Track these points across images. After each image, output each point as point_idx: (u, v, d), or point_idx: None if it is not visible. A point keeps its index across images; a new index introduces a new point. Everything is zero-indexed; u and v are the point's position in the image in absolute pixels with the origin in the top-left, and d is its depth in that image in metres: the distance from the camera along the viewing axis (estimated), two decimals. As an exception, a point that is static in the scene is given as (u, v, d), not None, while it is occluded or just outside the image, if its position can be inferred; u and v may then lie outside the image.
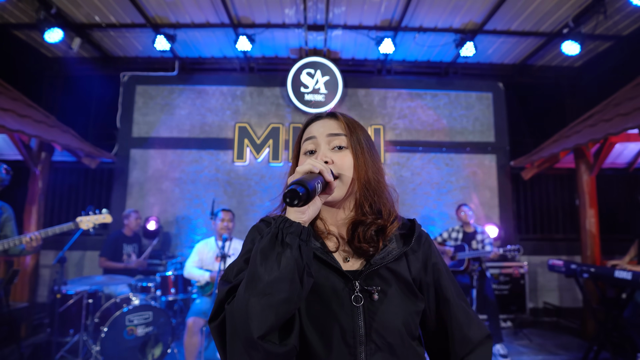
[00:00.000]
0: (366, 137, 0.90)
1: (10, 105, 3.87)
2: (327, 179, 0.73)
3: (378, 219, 0.84)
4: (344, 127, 0.88)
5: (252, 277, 0.66)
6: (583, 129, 4.44)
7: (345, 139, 0.87)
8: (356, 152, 0.86)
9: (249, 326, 0.62)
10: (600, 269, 3.31)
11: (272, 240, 0.68)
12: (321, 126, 0.89)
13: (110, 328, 3.05)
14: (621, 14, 4.60)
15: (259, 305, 0.63)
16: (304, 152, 0.90)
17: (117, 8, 4.67)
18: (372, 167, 0.87)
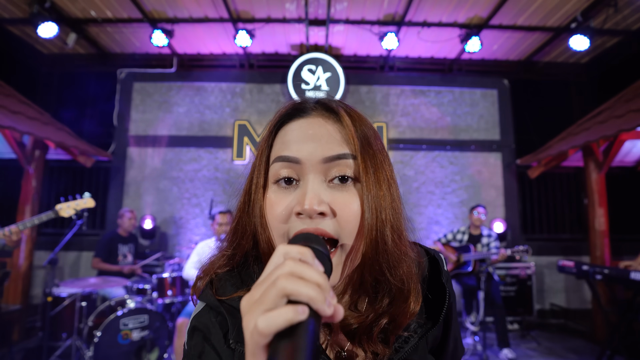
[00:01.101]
0: (380, 149, 0.55)
1: (1, 101, 3.75)
2: (326, 313, 0.35)
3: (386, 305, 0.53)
4: (352, 138, 0.52)
5: None
6: (592, 126, 4.31)
7: (351, 163, 0.52)
8: (369, 186, 0.51)
9: None
10: (615, 270, 3.19)
11: None
12: (311, 137, 0.52)
13: (104, 332, 2.93)
14: (631, 7, 4.47)
15: None
16: (274, 180, 0.53)
17: (114, 2, 4.55)
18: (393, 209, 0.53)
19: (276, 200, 0.52)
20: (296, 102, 0.58)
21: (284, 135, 0.55)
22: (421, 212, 5.50)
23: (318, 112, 0.55)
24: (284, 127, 0.55)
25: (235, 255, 0.58)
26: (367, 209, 0.50)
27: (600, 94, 5.43)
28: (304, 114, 0.55)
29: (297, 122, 0.55)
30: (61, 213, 2.61)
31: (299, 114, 0.56)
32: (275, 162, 0.53)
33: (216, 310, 0.54)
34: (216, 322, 0.54)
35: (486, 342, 3.75)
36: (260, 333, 0.33)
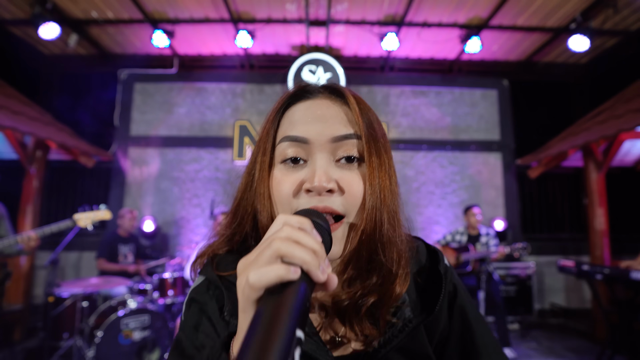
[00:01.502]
0: (382, 134, 0.56)
1: (3, 102, 3.77)
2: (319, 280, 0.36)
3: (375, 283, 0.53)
4: (358, 119, 0.53)
5: None
6: (592, 126, 4.32)
7: (357, 143, 0.53)
8: (372, 166, 0.52)
9: None
10: (615, 270, 3.20)
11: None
12: (318, 118, 0.53)
13: (105, 332, 2.94)
14: (630, 8, 4.48)
15: None
16: (281, 160, 0.54)
17: (115, 3, 4.56)
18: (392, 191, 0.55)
19: (283, 178, 0.53)
20: (303, 84, 0.58)
21: (291, 115, 0.55)
22: (421, 212, 5.51)
23: (324, 94, 0.56)
24: (290, 108, 0.56)
25: (234, 236, 0.59)
26: (369, 187, 0.51)
27: (600, 94, 5.44)
28: (311, 95, 0.56)
29: (304, 103, 0.56)
30: (79, 223, 2.69)
31: (305, 96, 0.56)
32: (282, 141, 0.54)
33: (214, 285, 0.56)
34: (213, 295, 0.55)
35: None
36: (252, 286, 0.34)
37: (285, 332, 0.30)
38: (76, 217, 2.71)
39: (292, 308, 0.32)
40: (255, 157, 0.57)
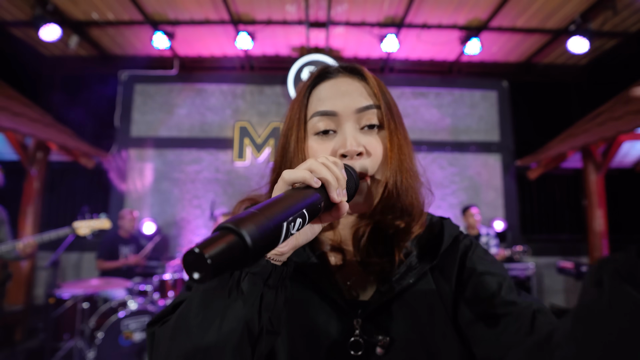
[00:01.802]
0: (395, 104, 0.65)
1: (4, 104, 3.78)
2: (333, 199, 0.45)
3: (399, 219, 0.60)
4: (376, 92, 0.61)
5: (181, 327, 0.45)
6: (591, 128, 4.34)
7: (377, 113, 0.60)
8: (391, 131, 0.60)
9: None
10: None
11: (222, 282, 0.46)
12: (343, 93, 0.60)
13: (106, 333, 2.95)
14: (630, 9, 4.49)
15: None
16: (314, 133, 0.61)
17: (115, 4, 4.58)
18: (408, 151, 0.63)
19: (318, 147, 0.60)
20: (324, 66, 0.65)
21: (318, 93, 0.62)
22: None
23: (344, 73, 0.64)
24: (316, 88, 0.63)
25: None
26: (390, 147, 0.59)
27: (600, 95, 5.45)
28: (332, 75, 0.63)
29: (328, 82, 0.63)
30: (78, 231, 2.70)
31: (328, 76, 0.64)
32: (314, 116, 0.61)
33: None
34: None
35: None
36: (283, 179, 0.46)
37: (293, 206, 0.40)
38: (75, 225, 2.72)
39: (305, 198, 0.42)
40: (287, 132, 0.63)
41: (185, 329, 0.44)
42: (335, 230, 0.64)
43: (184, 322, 0.45)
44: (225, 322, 0.43)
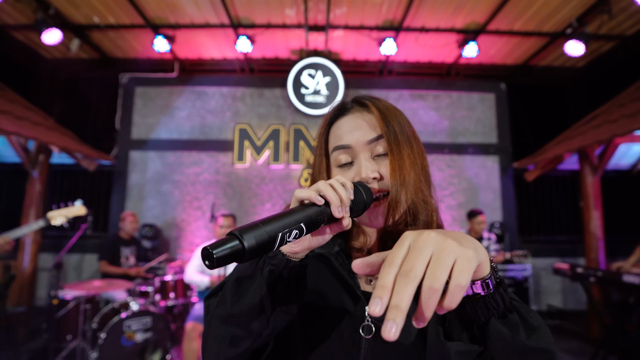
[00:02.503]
0: (403, 125, 0.71)
1: (7, 107, 3.82)
2: (335, 214, 0.53)
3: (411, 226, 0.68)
4: (380, 124, 0.68)
5: (222, 298, 0.60)
6: (587, 130, 4.39)
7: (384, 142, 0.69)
8: (394, 158, 0.67)
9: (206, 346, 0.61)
10: (607, 273, 3.26)
11: (250, 266, 0.59)
12: (355, 128, 0.69)
13: (108, 334, 2.99)
14: (625, 13, 4.54)
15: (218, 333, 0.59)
16: (337, 165, 0.71)
17: (116, 8, 4.62)
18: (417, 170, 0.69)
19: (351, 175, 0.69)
20: (339, 104, 0.75)
21: (335, 130, 0.72)
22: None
23: (355, 108, 0.73)
24: (334, 124, 0.73)
25: None
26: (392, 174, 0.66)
27: (597, 97, 5.50)
28: (346, 111, 0.73)
29: (343, 119, 0.72)
30: (52, 221, 2.60)
31: (342, 113, 0.73)
32: (334, 151, 0.71)
33: None
34: None
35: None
36: (295, 196, 0.54)
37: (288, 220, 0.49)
38: (49, 215, 2.63)
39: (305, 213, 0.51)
40: (314, 163, 0.76)
41: (223, 300, 0.60)
42: (365, 235, 0.73)
43: (222, 295, 0.60)
44: (247, 297, 0.56)
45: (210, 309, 0.62)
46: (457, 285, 0.36)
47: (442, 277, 0.36)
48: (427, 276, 0.36)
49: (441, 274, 0.36)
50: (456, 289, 0.36)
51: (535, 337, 0.45)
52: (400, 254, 0.38)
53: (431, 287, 0.35)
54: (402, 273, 0.36)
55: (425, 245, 0.38)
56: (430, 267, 0.36)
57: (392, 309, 0.34)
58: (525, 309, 0.48)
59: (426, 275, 0.36)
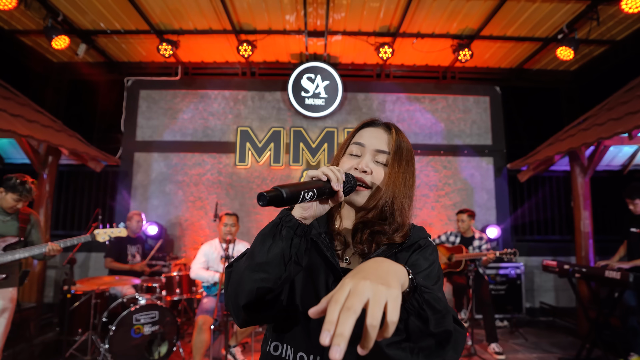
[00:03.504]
0: (407, 159, 0.94)
1: (19, 111, 3.99)
2: (333, 187, 0.76)
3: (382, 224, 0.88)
4: (392, 146, 0.92)
5: (251, 253, 0.78)
6: (577, 133, 4.54)
7: (386, 157, 0.92)
8: (391, 171, 0.90)
9: (239, 292, 0.77)
10: (592, 269, 3.42)
11: (272, 229, 0.77)
12: (373, 136, 0.94)
13: (118, 327, 3.16)
14: (614, 20, 4.70)
15: (250, 278, 0.75)
16: (349, 153, 0.95)
17: (122, 15, 4.79)
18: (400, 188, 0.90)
19: (348, 161, 0.93)
20: (372, 118, 1.00)
21: (361, 132, 0.97)
22: (416, 214, 5.69)
23: (381, 126, 0.97)
24: (362, 129, 0.98)
25: None
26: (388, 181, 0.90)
27: (589, 100, 5.65)
28: (374, 125, 0.98)
29: (370, 128, 0.97)
30: (97, 237, 2.98)
31: (371, 125, 0.98)
32: (353, 144, 0.95)
33: None
34: None
35: (475, 337, 3.98)
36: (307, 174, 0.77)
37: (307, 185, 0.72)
38: (95, 232, 2.98)
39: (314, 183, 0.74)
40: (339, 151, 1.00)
41: (251, 254, 0.78)
42: (341, 221, 0.95)
43: (251, 251, 0.79)
44: (271, 250, 0.75)
45: (238, 267, 0.81)
46: (391, 321, 0.49)
47: (379, 316, 0.48)
48: (368, 316, 0.48)
49: (378, 314, 0.48)
50: (391, 324, 0.49)
51: (440, 323, 0.61)
52: (343, 296, 0.50)
53: (372, 324, 0.47)
54: (345, 309, 0.48)
55: (363, 291, 0.49)
56: (370, 309, 0.48)
57: (337, 336, 0.45)
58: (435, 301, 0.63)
59: (367, 315, 0.48)
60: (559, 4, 4.44)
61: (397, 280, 0.55)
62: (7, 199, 2.70)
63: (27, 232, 2.87)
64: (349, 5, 4.59)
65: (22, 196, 2.72)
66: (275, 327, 0.88)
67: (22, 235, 2.81)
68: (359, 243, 0.88)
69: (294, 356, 0.83)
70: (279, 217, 0.79)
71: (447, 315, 0.62)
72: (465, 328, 0.68)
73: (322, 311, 0.51)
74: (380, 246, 0.87)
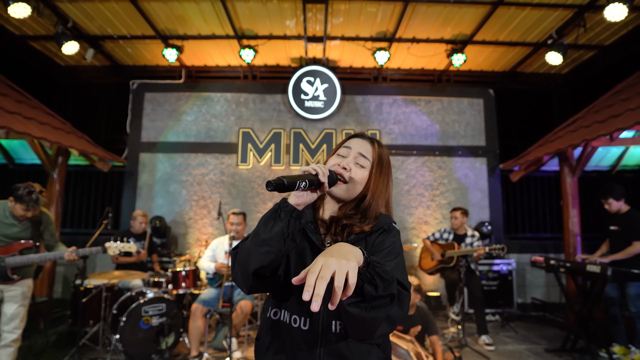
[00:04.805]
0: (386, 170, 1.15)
1: (32, 114, 4.18)
2: (320, 179, 0.95)
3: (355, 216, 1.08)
4: (374, 156, 1.12)
5: (256, 233, 0.96)
6: (565, 134, 4.74)
7: (368, 163, 1.11)
8: (370, 175, 1.10)
9: (248, 262, 0.94)
10: (575, 263, 3.62)
11: (272, 213, 0.96)
12: (359, 144, 1.14)
13: (127, 318, 3.35)
14: (601, 26, 4.89)
15: (256, 251, 0.93)
16: (338, 154, 1.16)
17: (129, 21, 4.98)
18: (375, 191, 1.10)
19: (334, 159, 1.13)
20: (360, 132, 1.20)
21: (351, 140, 1.16)
22: (412, 212, 5.93)
23: (367, 139, 1.16)
24: (351, 138, 1.17)
25: None
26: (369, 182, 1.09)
27: (580, 102, 5.85)
28: (362, 137, 1.17)
29: (358, 138, 1.17)
30: (108, 251, 3.16)
31: (360, 136, 1.17)
32: (342, 147, 1.15)
33: None
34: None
35: (466, 330, 4.17)
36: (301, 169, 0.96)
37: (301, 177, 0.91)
38: (107, 245, 3.17)
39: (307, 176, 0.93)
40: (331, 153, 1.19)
41: (256, 234, 0.95)
42: (323, 209, 1.14)
43: (255, 231, 0.96)
44: (273, 229, 0.92)
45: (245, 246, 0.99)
46: (352, 283, 0.70)
47: (342, 280, 0.69)
48: (335, 281, 0.68)
49: (342, 279, 0.68)
50: (352, 285, 0.70)
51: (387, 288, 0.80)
52: (317, 268, 0.70)
53: (338, 286, 0.68)
54: (319, 278, 0.68)
55: (331, 264, 0.70)
56: (336, 276, 0.69)
57: (315, 296, 0.66)
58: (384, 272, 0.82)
59: (335, 280, 0.68)
60: (548, 11, 4.64)
61: (354, 257, 0.76)
62: (17, 208, 2.84)
63: (41, 232, 3.04)
64: (346, 10, 4.79)
65: (30, 207, 2.85)
66: (274, 296, 1.07)
67: (36, 240, 2.98)
68: (333, 234, 1.07)
69: (290, 318, 1.01)
70: (278, 204, 0.97)
71: (392, 283, 0.82)
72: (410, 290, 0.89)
73: (302, 279, 0.72)
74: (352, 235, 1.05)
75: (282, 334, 1.02)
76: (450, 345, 3.82)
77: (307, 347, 0.97)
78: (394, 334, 2.92)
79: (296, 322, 1.00)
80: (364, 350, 0.97)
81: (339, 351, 0.96)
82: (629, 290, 3.49)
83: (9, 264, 2.77)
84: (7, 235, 2.84)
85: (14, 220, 2.88)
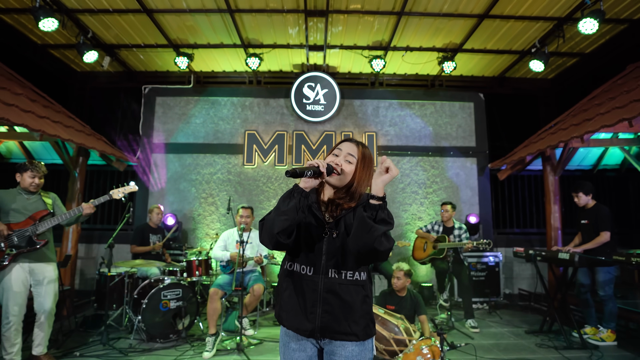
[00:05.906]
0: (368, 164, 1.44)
1: (57, 118, 4.59)
2: (321, 170, 1.29)
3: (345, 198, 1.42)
4: (359, 155, 1.43)
5: (278, 207, 1.32)
6: (546, 136, 5.14)
7: (354, 160, 1.42)
8: (356, 169, 1.41)
9: (273, 227, 1.29)
10: (549, 252, 4.03)
11: (289, 193, 1.33)
12: (348, 146, 1.45)
13: (148, 301, 3.74)
14: (581, 36, 5.27)
15: (278, 219, 1.28)
16: (332, 153, 1.47)
17: (143, 31, 5.38)
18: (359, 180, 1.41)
19: (330, 158, 1.44)
20: (348, 138, 1.51)
21: (342, 144, 1.46)
22: (406, 209, 6.33)
23: (354, 142, 1.46)
24: (342, 142, 1.47)
25: None
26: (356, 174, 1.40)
27: (564, 106, 6.24)
28: (350, 141, 1.47)
29: (347, 142, 1.47)
30: (114, 195, 3.43)
31: (348, 140, 1.48)
32: (336, 149, 1.46)
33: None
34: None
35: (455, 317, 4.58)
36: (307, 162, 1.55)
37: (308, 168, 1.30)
38: (112, 192, 3.46)
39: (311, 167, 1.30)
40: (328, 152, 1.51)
41: (278, 208, 1.33)
42: (323, 194, 1.47)
43: (277, 206, 1.33)
44: (289, 204, 1.30)
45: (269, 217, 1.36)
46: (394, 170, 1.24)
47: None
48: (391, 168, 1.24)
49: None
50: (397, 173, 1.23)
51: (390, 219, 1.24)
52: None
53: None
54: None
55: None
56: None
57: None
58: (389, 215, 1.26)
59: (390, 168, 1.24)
60: (530, 23, 5.05)
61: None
62: (25, 178, 3.11)
63: (52, 206, 3.31)
64: (345, 21, 5.18)
65: (34, 171, 3.12)
66: (289, 253, 1.45)
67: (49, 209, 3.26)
68: (330, 212, 1.42)
69: (300, 268, 1.40)
70: (292, 188, 1.34)
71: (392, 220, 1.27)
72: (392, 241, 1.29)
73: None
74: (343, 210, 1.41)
75: (294, 278, 1.41)
76: (438, 326, 4.22)
77: (312, 287, 1.36)
78: (386, 312, 3.33)
79: (304, 270, 1.39)
80: (352, 289, 1.36)
81: (333, 289, 1.35)
82: (598, 277, 3.89)
83: (39, 230, 3.06)
84: (25, 207, 3.12)
85: (27, 195, 3.16)
